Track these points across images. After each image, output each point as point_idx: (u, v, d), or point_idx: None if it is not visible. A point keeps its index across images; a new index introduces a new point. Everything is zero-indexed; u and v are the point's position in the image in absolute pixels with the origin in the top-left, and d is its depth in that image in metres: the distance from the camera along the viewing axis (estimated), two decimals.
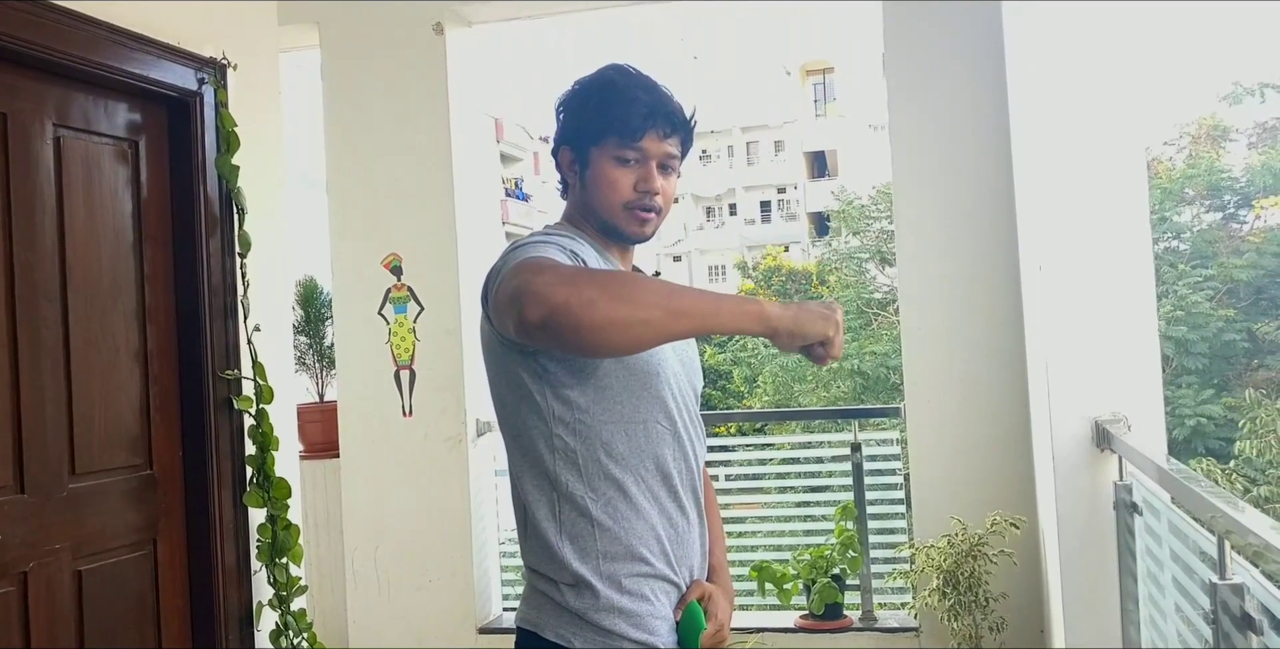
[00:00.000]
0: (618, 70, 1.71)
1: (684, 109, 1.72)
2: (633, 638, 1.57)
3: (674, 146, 1.69)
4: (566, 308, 1.32)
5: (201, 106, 3.10)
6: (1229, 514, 1.78)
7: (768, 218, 40.68)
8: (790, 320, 1.43)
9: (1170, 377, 13.47)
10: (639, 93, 1.67)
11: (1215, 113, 17.88)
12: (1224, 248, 15.35)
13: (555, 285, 1.35)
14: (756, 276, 25.11)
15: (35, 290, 2.66)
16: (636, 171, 1.66)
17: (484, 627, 4.16)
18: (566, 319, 1.32)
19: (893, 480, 4.15)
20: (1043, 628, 3.51)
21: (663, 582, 1.61)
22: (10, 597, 2.56)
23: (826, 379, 16.24)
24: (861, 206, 19.02)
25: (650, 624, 1.59)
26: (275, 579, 3.18)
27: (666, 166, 1.69)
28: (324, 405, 4.78)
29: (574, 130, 1.70)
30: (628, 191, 1.66)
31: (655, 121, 1.66)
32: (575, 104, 1.72)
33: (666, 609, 1.62)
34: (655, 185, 1.67)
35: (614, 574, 1.57)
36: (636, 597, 1.58)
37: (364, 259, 4.26)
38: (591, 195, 1.69)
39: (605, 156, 1.67)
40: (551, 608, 1.59)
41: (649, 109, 1.65)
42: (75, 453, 2.75)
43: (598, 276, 1.41)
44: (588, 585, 1.57)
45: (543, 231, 1.67)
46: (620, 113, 1.65)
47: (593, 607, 1.56)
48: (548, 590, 1.60)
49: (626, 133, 1.64)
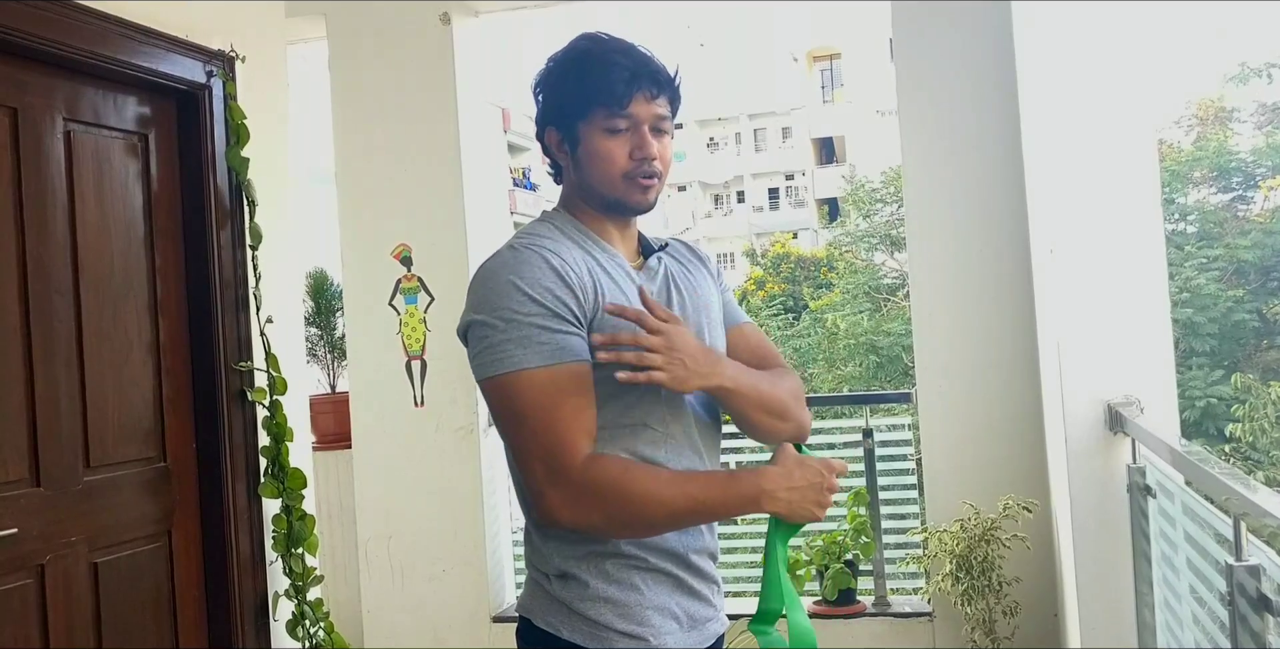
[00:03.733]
0: (589, 39, 1.64)
1: (667, 68, 1.64)
2: (619, 628, 1.54)
3: (663, 107, 1.61)
4: (585, 529, 1.51)
5: (210, 99, 3.10)
6: (1244, 495, 1.78)
7: (776, 205, 40.58)
8: (785, 507, 1.53)
9: (1180, 358, 13.44)
10: (616, 57, 1.58)
11: (1223, 94, 17.77)
12: (1231, 228, 15.28)
13: (572, 510, 1.47)
14: (765, 264, 25.05)
15: (48, 284, 2.67)
16: (630, 139, 1.58)
17: (497, 616, 4.17)
18: (578, 531, 1.52)
19: (905, 465, 4.15)
20: (1056, 612, 3.51)
21: (656, 573, 1.57)
22: (28, 589, 2.57)
23: (842, 358, 16.17)
24: (872, 189, 18.96)
25: (639, 614, 1.55)
26: (291, 569, 3.19)
27: (659, 129, 1.61)
28: (336, 396, 4.80)
29: (556, 108, 1.62)
30: (624, 161, 1.58)
31: (640, 84, 1.58)
32: (553, 81, 1.64)
33: (659, 598, 1.57)
34: (652, 150, 1.59)
35: (600, 565, 1.55)
36: (625, 586, 1.55)
37: (374, 250, 4.26)
38: (587, 172, 1.61)
39: (594, 129, 1.58)
40: (542, 596, 1.59)
41: (630, 72, 1.57)
42: (89, 446, 2.76)
43: (607, 498, 1.47)
44: (573, 576, 1.55)
45: (527, 243, 1.57)
46: (602, 81, 1.57)
47: (579, 596, 1.55)
48: (539, 580, 1.60)
49: (613, 100, 1.56)
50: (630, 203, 1.62)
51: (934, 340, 3.83)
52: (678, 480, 1.51)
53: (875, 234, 18.53)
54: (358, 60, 4.31)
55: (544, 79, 1.65)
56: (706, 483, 1.53)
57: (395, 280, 4.24)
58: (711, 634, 1.65)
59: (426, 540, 4.21)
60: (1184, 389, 13.12)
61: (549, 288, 1.50)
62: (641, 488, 1.47)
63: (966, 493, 3.61)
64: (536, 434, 1.48)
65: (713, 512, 1.53)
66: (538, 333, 1.48)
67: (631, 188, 1.61)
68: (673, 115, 1.65)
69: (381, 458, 4.27)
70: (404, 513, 4.24)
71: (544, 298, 1.49)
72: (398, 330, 4.23)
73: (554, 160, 1.68)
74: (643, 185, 1.61)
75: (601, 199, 1.63)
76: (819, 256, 24.08)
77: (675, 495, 1.48)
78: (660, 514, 1.48)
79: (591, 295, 1.53)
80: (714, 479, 1.56)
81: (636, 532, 1.52)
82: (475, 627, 4.15)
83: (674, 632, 1.58)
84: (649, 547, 1.57)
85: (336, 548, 4.49)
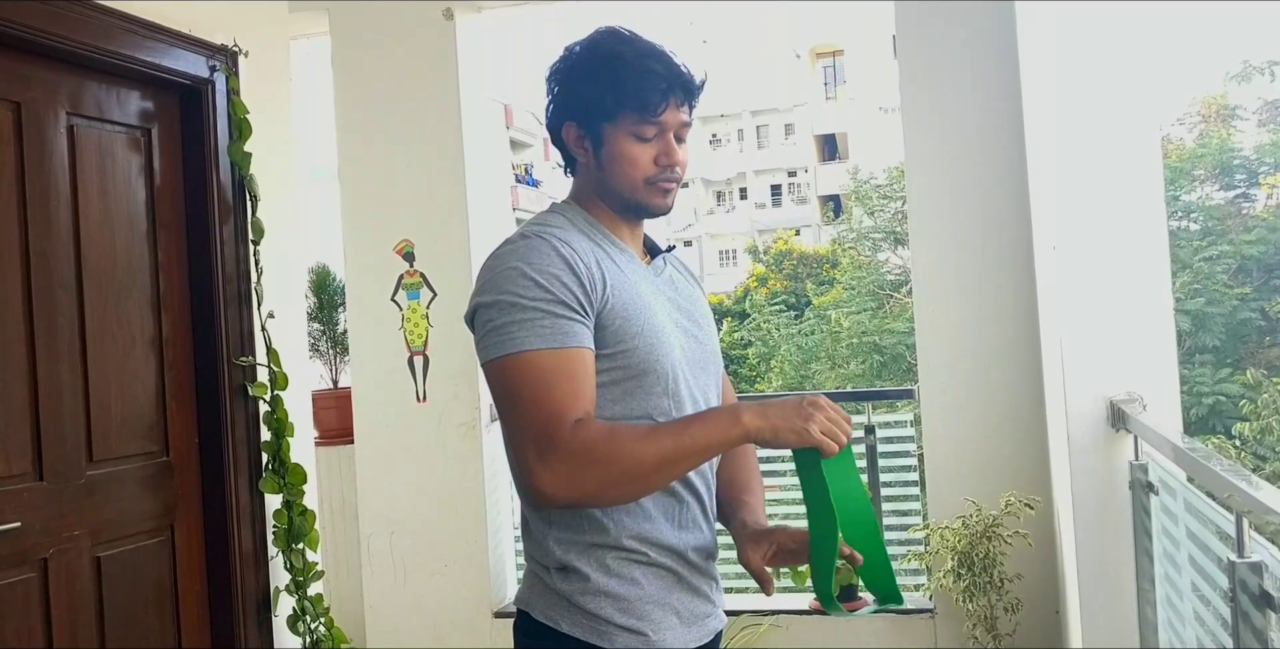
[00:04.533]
0: (619, 39, 1.61)
1: (695, 74, 1.64)
2: (619, 623, 1.53)
3: (687, 114, 1.63)
4: (577, 503, 1.49)
5: (213, 94, 3.10)
6: (1247, 492, 1.78)
7: (778, 201, 40.59)
8: (769, 432, 1.45)
9: (1186, 355, 13.43)
10: (652, 63, 1.58)
11: (1225, 92, 17.76)
12: (1234, 225, 15.28)
13: (561, 484, 1.44)
14: (767, 260, 25.05)
15: (50, 278, 2.67)
16: (656, 145, 1.59)
17: (499, 611, 4.18)
18: (579, 507, 1.52)
19: (907, 462, 4.15)
20: (1058, 608, 3.51)
21: (657, 568, 1.57)
22: (31, 582, 2.58)
23: (845, 356, 16.19)
24: (877, 185, 18.97)
25: (639, 609, 1.55)
26: (292, 564, 3.19)
27: (680, 135, 1.62)
28: (338, 392, 4.80)
29: (580, 106, 1.61)
30: (649, 167, 1.59)
31: (674, 93, 1.59)
32: (577, 76, 1.62)
33: (659, 594, 1.57)
34: (677, 157, 1.61)
35: (601, 558, 1.54)
36: (626, 580, 1.55)
37: (376, 246, 4.26)
38: (610, 174, 1.61)
39: (622, 133, 1.58)
40: (541, 589, 1.58)
41: (667, 82, 1.57)
42: (92, 440, 2.76)
43: (599, 459, 1.43)
44: (574, 569, 1.54)
45: (539, 230, 1.58)
46: (637, 88, 1.56)
47: (580, 590, 1.54)
48: (539, 572, 1.59)
49: (647, 109, 1.56)
50: (650, 206, 1.64)
51: (936, 337, 3.82)
52: (659, 426, 1.50)
53: (880, 230, 18.55)
54: (360, 56, 4.30)
55: (564, 71, 1.64)
56: (686, 420, 1.50)
57: (397, 276, 4.23)
58: (710, 631, 1.65)
59: (428, 536, 4.21)
60: (1191, 386, 13.12)
61: (556, 275, 1.50)
62: (627, 440, 1.45)
63: (968, 489, 3.61)
64: (529, 413, 1.46)
65: (701, 446, 1.45)
66: (542, 317, 1.48)
67: (653, 192, 1.62)
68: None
69: (383, 454, 4.27)
70: (406, 509, 4.24)
71: (551, 285, 1.49)
72: (400, 326, 4.23)
73: (567, 154, 1.67)
74: (663, 189, 1.62)
75: (622, 201, 1.64)
76: (822, 253, 24.10)
77: (661, 437, 1.45)
78: (651, 459, 1.43)
79: (600, 286, 1.53)
80: (692, 416, 1.54)
81: (632, 487, 1.48)
82: (477, 623, 4.16)
83: (674, 627, 1.58)
84: (649, 541, 1.56)
85: (338, 543, 4.49)
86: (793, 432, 1.44)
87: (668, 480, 1.51)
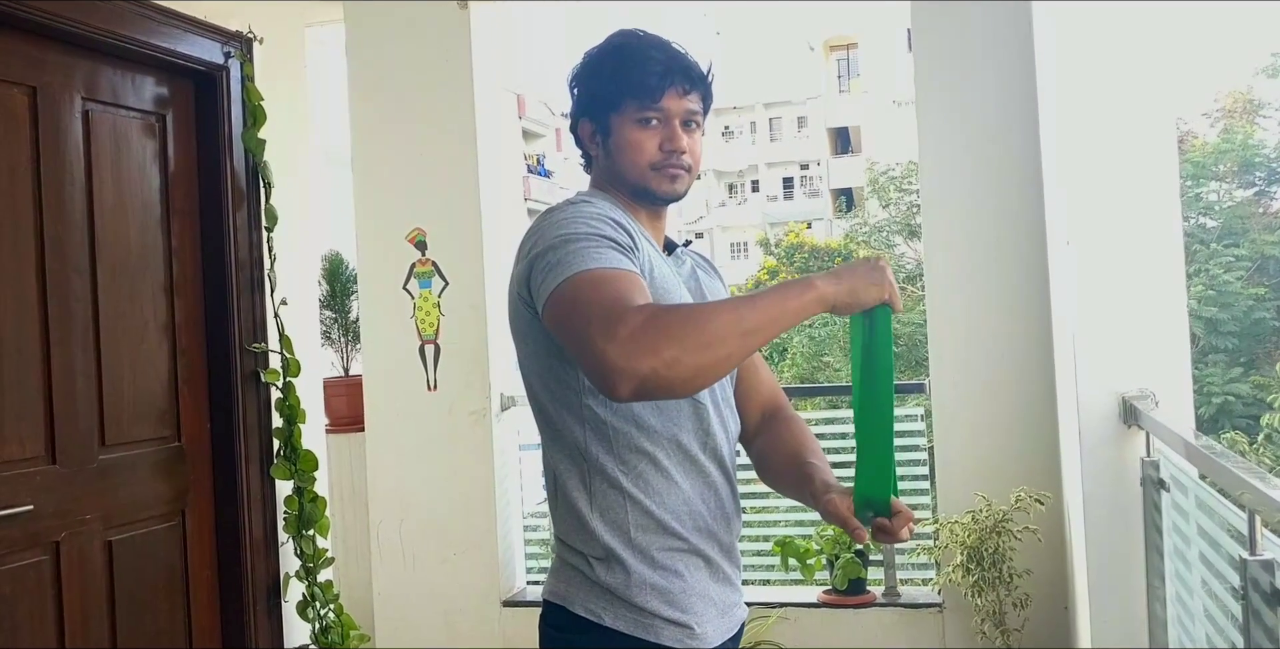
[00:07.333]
0: (625, 35, 1.67)
1: (700, 64, 1.67)
2: (666, 616, 1.53)
3: (695, 103, 1.65)
4: (654, 376, 1.32)
5: (228, 80, 3.11)
6: (1260, 489, 1.77)
7: (790, 194, 40.51)
8: (846, 293, 1.44)
9: (1198, 355, 13.37)
10: (652, 52, 1.63)
11: (1251, 86, 17.64)
12: (1256, 224, 15.18)
13: (635, 355, 1.31)
14: (779, 253, 25.02)
15: (65, 263, 2.68)
16: (660, 132, 1.63)
17: (508, 600, 4.18)
18: (657, 386, 1.33)
19: (917, 456, 4.14)
20: (1067, 605, 3.51)
21: (695, 556, 1.58)
22: (43, 565, 2.59)
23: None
24: (892, 178, 18.92)
25: (684, 601, 1.55)
26: (302, 551, 3.21)
27: (690, 123, 1.65)
28: (349, 379, 4.81)
29: (590, 101, 1.67)
30: (654, 152, 1.62)
31: (673, 79, 1.62)
32: (588, 75, 1.68)
33: (700, 585, 1.58)
34: (681, 143, 1.63)
35: (646, 548, 1.54)
36: (669, 572, 1.55)
37: (389, 234, 4.25)
38: (617, 161, 1.65)
39: (626, 121, 1.63)
40: (581, 582, 1.56)
41: (664, 67, 1.61)
42: (105, 424, 2.78)
43: (670, 325, 1.34)
44: (618, 559, 1.54)
45: (579, 200, 1.59)
46: (636, 75, 1.61)
47: (625, 583, 1.53)
48: (578, 564, 1.57)
49: (645, 94, 1.61)
50: (658, 192, 1.65)
51: (948, 331, 3.81)
52: (728, 298, 1.48)
53: (895, 222, 18.51)
54: (375, 44, 4.30)
55: (579, 74, 1.70)
56: (755, 292, 1.44)
57: (410, 264, 4.24)
58: (737, 620, 1.67)
59: (438, 524, 4.22)
60: (1201, 386, 13.07)
61: (604, 226, 1.50)
62: (696, 309, 1.40)
63: (978, 484, 3.60)
64: (590, 308, 1.38)
65: (776, 312, 1.40)
66: (598, 244, 1.46)
67: (660, 178, 1.64)
68: (705, 112, 1.69)
69: (394, 441, 4.27)
70: (416, 496, 4.25)
71: (602, 230, 1.49)
72: (412, 314, 4.23)
73: (586, 151, 1.72)
74: (671, 174, 1.64)
75: (630, 186, 1.66)
76: (833, 246, 24.05)
77: (732, 304, 1.39)
78: (724, 323, 1.35)
79: (640, 254, 1.54)
80: (762, 289, 1.47)
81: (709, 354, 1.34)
82: (486, 610, 4.16)
83: (713, 619, 1.59)
84: (691, 526, 1.57)
85: (349, 530, 4.50)
86: (874, 286, 1.46)
87: (743, 350, 1.38)
